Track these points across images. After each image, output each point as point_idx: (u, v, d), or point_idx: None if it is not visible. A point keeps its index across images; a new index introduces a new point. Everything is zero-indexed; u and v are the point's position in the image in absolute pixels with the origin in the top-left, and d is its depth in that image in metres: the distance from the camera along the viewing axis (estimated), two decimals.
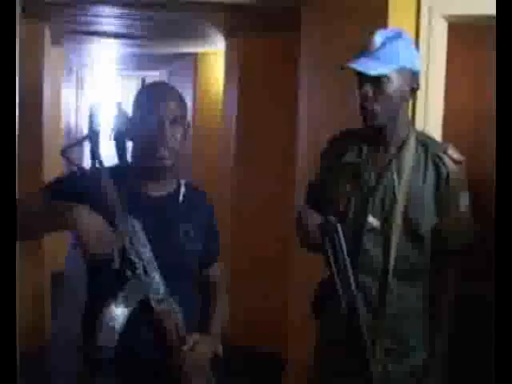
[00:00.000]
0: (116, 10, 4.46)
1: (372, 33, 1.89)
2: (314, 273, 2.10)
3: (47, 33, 4.64)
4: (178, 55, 7.68)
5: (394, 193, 1.91)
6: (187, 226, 1.78)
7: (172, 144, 1.70)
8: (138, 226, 1.66)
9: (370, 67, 1.84)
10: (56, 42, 5.42)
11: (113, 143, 12.04)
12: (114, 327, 1.62)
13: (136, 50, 7.83)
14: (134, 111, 1.77)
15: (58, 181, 1.76)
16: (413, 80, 1.91)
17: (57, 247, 5.47)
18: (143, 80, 15.22)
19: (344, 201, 1.98)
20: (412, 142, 1.93)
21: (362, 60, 1.86)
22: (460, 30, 2.41)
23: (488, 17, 2.23)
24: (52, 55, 5.07)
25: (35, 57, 4.30)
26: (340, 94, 2.70)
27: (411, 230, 1.91)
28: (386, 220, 1.92)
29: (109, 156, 7.19)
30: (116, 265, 1.60)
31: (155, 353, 1.68)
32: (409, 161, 1.91)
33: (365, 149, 1.98)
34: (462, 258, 2.01)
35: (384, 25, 2.35)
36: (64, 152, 1.67)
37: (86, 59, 10.16)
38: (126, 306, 1.64)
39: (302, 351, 2.46)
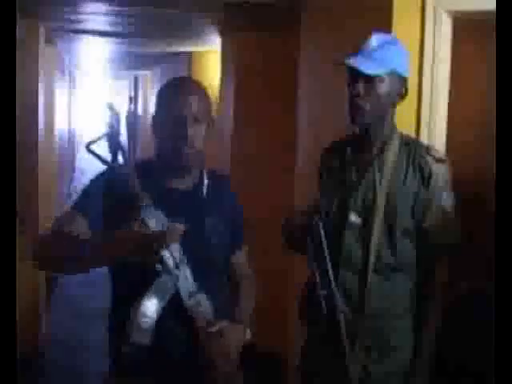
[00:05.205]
0: (107, 8, 4.41)
1: (370, 34, 1.95)
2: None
3: (41, 32, 4.59)
4: (172, 54, 7.62)
5: (375, 191, 1.95)
6: (213, 219, 1.77)
7: (194, 143, 1.69)
8: (165, 220, 1.60)
9: (366, 66, 1.90)
10: (48, 41, 5.36)
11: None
12: (147, 324, 1.59)
13: (128, 49, 7.77)
14: (157, 108, 1.76)
15: (93, 182, 1.74)
16: (402, 85, 1.96)
17: None
18: (136, 79, 15.15)
19: (327, 200, 2.04)
20: (395, 143, 1.98)
21: (358, 58, 1.91)
22: (468, 27, 2.38)
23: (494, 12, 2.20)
24: (46, 54, 5.00)
25: (31, 56, 4.25)
26: (340, 93, 2.67)
27: (391, 227, 1.94)
28: (367, 217, 1.95)
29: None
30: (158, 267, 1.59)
31: (186, 349, 1.67)
32: (391, 160, 1.96)
33: (348, 150, 2.04)
34: (449, 258, 2.00)
35: (388, 23, 2.33)
36: (88, 147, 1.68)
37: (77, 58, 10.09)
38: (159, 302, 1.61)
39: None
